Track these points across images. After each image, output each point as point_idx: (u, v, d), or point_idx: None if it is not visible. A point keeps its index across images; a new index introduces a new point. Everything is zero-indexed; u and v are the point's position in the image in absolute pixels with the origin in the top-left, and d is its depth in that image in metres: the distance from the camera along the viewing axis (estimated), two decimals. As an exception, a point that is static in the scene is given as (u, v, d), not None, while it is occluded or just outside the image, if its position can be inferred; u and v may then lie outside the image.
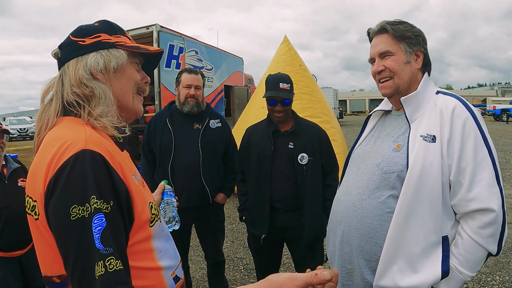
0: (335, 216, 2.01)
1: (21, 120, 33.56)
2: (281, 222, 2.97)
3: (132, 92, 1.33)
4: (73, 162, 1.03)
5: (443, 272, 1.66)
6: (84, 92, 1.21)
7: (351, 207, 1.89)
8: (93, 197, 1.01)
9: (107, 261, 0.99)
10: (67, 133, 1.12)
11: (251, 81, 21.41)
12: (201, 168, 3.43)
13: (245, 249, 5.59)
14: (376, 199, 1.80)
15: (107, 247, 1.00)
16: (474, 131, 1.66)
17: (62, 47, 1.29)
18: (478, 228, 1.64)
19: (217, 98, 15.12)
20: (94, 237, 0.99)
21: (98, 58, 1.24)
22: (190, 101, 3.45)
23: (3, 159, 3.40)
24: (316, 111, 7.69)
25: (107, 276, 0.97)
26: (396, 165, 1.76)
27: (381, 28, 1.85)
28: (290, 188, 2.92)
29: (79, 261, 0.98)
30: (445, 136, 1.66)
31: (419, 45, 1.83)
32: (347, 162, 2.13)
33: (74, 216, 0.98)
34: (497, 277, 4.46)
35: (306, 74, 8.26)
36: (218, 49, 15.64)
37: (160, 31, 10.97)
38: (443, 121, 1.69)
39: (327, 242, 2.12)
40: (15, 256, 3.27)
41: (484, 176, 1.63)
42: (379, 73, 1.86)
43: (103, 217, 1.01)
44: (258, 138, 3.07)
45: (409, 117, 1.80)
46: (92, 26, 1.30)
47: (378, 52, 1.85)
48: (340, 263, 1.96)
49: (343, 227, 1.92)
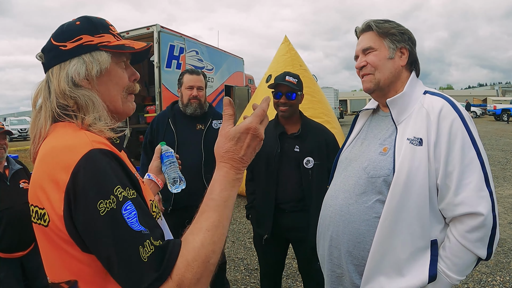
0: (324, 220, 1.99)
1: (21, 120, 33.60)
2: (286, 222, 2.97)
3: (121, 95, 1.30)
4: (85, 162, 1.03)
5: (430, 277, 1.63)
6: (69, 103, 1.19)
7: (338, 212, 1.86)
8: (118, 187, 1.02)
9: (151, 238, 1.01)
10: (67, 139, 1.11)
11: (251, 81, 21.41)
12: (203, 168, 3.43)
13: (246, 249, 5.60)
14: (363, 204, 1.77)
15: (147, 228, 1.02)
16: (461, 133, 1.61)
17: (45, 51, 1.25)
18: (465, 232, 1.59)
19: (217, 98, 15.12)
20: (130, 223, 1.00)
21: (79, 67, 1.19)
22: (193, 103, 3.45)
23: (5, 160, 3.41)
24: (316, 111, 7.68)
25: (158, 251, 1.00)
26: (382, 169, 1.73)
27: (366, 26, 1.85)
28: (296, 191, 2.92)
29: (122, 252, 0.98)
30: (432, 139, 1.62)
31: (404, 42, 1.80)
32: (335, 164, 2.11)
33: (103, 211, 0.98)
34: (498, 277, 4.46)
35: (306, 74, 8.24)
36: (219, 49, 15.65)
37: (161, 32, 10.97)
38: (429, 123, 1.64)
39: (317, 246, 2.11)
40: (16, 257, 3.28)
41: (472, 179, 1.58)
42: (361, 68, 1.85)
43: (131, 203, 1.03)
44: (266, 139, 3.04)
45: (395, 119, 1.77)
46: (73, 26, 1.25)
47: (361, 48, 1.85)
48: (330, 268, 1.95)
49: (331, 232, 1.90)
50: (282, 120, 3.03)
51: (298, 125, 3.01)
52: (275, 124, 3.07)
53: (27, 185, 3.41)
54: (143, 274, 0.97)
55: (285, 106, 2.93)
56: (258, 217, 3.14)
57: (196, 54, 13.23)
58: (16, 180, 3.39)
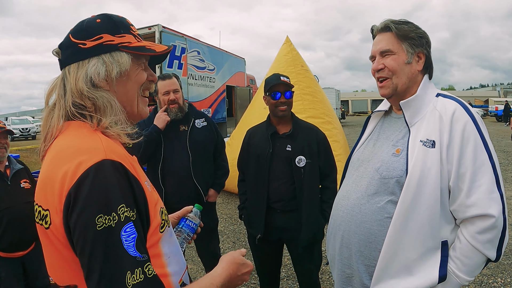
0: (335, 220, 2.00)
1: (23, 120, 33.63)
2: (278, 222, 2.99)
3: (137, 96, 1.28)
4: (95, 171, 1.00)
5: (440, 277, 1.65)
6: (86, 104, 1.16)
7: (350, 212, 1.87)
8: (122, 206, 1.00)
9: (146, 267, 0.99)
10: (81, 142, 1.09)
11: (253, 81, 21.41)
12: (192, 169, 3.44)
13: (246, 249, 5.57)
14: (375, 204, 1.78)
15: (143, 254, 1.00)
16: (474, 135, 1.63)
17: (62, 48, 1.22)
18: (476, 233, 1.62)
19: (219, 98, 15.13)
20: (126, 245, 0.97)
21: (99, 67, 1.16)
22: (172, 108, 3.44)
23: (6, 159, 3.41)
24: (318, 112, 7.67)
25: (146, 283, 0.98)
26: (395, 170, 1.74)
27: (385, 26, 1.83)
28: (288, 190, 2.95)
29: (106, 271, 0.95)
30: (445, 141, 1.64)
31: (422, 46, 1.80)
32: (347, 165, 2.11)
33: (100, 226, 0.96)
34: (499, 279, 4.45)
35: (308, 74, 8.25)
36: (220, 49, 15.64)
37: (162, 32, 10.98)
38: (442, 126, 1.66)
39: (327, 246, 2.11)
40: (17, 256, 3.28)
41: (484, 181, 1.60)
42: (378, 71, 1.84)
43: (133, 225, 1.01)
44: (258, 140, 3.11)
45: (408, 121, 1.78)
46: (93, 23, 1.21)
47: (379, 50, 1.82)
48: (340, 268, 1.96)
49: (342, 232, 1.91)
50: (274, 121, 3.07)
51: (290, 125, 3.05)
52: (266, 125, 3.12)
53: (28, 184, 3.42)
54: None
55: (284, 105, 2.97)
56: (250, 218, 3.17)
57: (198, 54, 13.24)
58: (17, 180, 3.39)
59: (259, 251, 3.17)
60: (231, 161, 8.09)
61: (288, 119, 3.07)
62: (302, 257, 3.03)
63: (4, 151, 3.35)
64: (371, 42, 1.93)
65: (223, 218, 7.18)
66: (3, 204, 3.20)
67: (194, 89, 13.12)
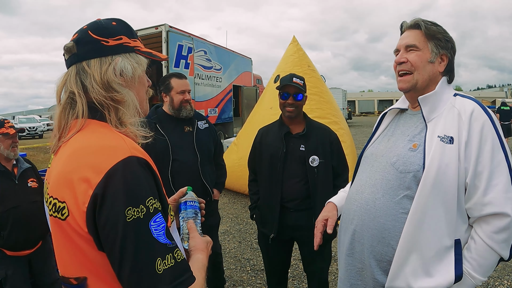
0: (347, 214, 2.00)
1: (30, 119, 33.85)
2: (291, 221, 3.01)
3: (146, 96, 1.37)
4: (123, 167, 1.05)
5: (457, 276, 1.65)
6: (113, 96, 1.20)
7: (364, 206, 1.87)
8: (150, 198, 1.07)
9: (175, 252, 1.07)
10: (105, 140, 1.13)
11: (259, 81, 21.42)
12: (200, 168, 3.48)
13: (252, 250, 5.59)
14: (390, 199, 1.78)
15: (172, 241, 1.08)
16: (491, 135, 1.65)
17: (79, 43, 1.22)
18: (492, 233, 1.62)
19: (225, 98, 15.15)
20: (157, 234, 1.04)
21: (127, 64, 1.24)
22: (186, 106, 3.49)
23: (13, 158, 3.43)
24: (324, 112, 7.66)
25: (177, 266, 1.06)
26: (412, 165, 1.74)
27: (415, 23, 1.85)
28: (302, 189, 2.98)
29: (137, 260, 1.01)
30: (463, 138, 1.65)
31: (447, 50, 1.82)
32: (360, 160, 2.11)
33: (130, 217, 1.02)
34: (505, 281, 4.41)
35: (314, 74, 8.22)
36: (227, 49, 15.66)
37: (169, 31, 11.00)
38: (461, 123, 1.67)
39: (338, 240, 2.11)
40: (24, 255, 3.30)
41: (500, 180, 1.62)
42: (400, 64, 1.85)
43: (161, 215, 1.08)
44: (271, 139, 3.13)
45: (426, 116, 1.78)
46: (111, 25, 1.26)
47: (405, 44, 1.84)
48: (350, 262, 1.95)
49: (354, 226, 1.91)
50: (287, 121, 3.09)
51: (303, 125, 3.08)
52: (279, 125, 3.14)
53: (35, 184, 3.43)
54: (155, 285, 1.01)
55: (292, 106, 2.99)
56: (263, 217, 3.17)
57: (205, 54, 13.27)
58: (24, 179, 3.40)
59: (270, 250, 3.18)
60: (237, 160, 8.13)
61: (301, 119, 3.10)
62: (314, 256, 3.02)
63: (16, 149, 3.38)
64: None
65: (229, 218, 7.19)
66: (11, 203, 3.21)
67: (201, 89, 13.15)
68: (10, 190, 3.25)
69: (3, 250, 3.21)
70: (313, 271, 3.13)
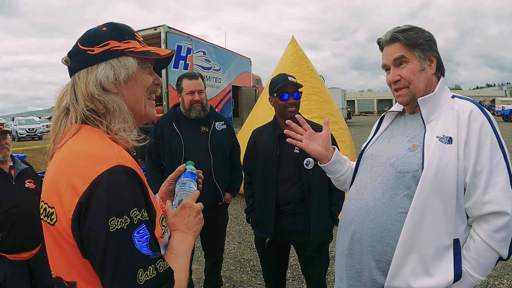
0: (347, 215, 2.00)
1: (29, 120, 33.79)
2: (287, 225, 2.96)
3: (144, 98, 1.33)
4: (108, 176, 1.05)
5: (456, 276, 1.65)
6: (97, 107, 1.21)
7: (364, 206, 1.88)
8: (135, 210, 1.06)
9: (158, 263, 1.07)
10: (93, 147, 1.13)
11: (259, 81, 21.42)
12: (213, 170, 3.46)
13: (252, 250, 5.59)
14: (390, 199, 1.79)
15: (155, 252, 1.08)
16: (490, 135, 1.67)
17: (71, 56, 1.27)
18: (491, 232, 1.63)
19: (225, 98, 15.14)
20: (140, 245, 1.04)
21: (108, 71, 1.22)
22: (196, 107, 3.48)
23: (10, 159, 3.43)
24: (324, 112, 7.65)
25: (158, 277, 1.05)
26: (411, 165, 1.76)
27: (392, 37, 1.84)
28: (297, 192, 2.91)
29: (119, 269, 1.01)
30: (462, 138, 1.67)
31: (432, 50, 1.82)
32: (359, 161, 2.11)
33: (113, 228, 1.01)
34: (505, 280, 4.41)
35: (313, 75, 8.23)
36: (226, 49, 15.65)
37: (168, 32, 11.00)
38: (460, 124, 1.69)
39: (337, 241, 2.11)
40: (24, 259, 3.30)
41: (500, 179, 1.64)
42: (394, 82, 1.86)
43: (145, 227, 1.08)
44: (264, 142, 3.06)
45: (425, 118, 1.80)
46: (100, 31, 1.27)
47: (393, 58, 1.83)
48: (349, 263, 1.95)
49: (354, 226, 1.91)
50: (281, 122, 2.98)
51: None
52: (273, 126, 3.07)
53: (33, 184, 3.44)
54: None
55: (293, 106, 2.91)
56: (259, 221, 3.13)
57: (204, 54, 13.26)
58: (22, 180, 3.41)
59: (267, 254, 3.15)
60: (237, 161, 8.10)
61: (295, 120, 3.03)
62: (311, 260, 3.01)
63: (6, 150, 3.37)
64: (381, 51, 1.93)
65: (229, 219, 7.15)
66: (8, 205, 3.22)
67: (200, 90, 13.10)
68: (7, 191, 3.27)
69: (3, 254, 3.22)
70: (311, 275, 3.11)
